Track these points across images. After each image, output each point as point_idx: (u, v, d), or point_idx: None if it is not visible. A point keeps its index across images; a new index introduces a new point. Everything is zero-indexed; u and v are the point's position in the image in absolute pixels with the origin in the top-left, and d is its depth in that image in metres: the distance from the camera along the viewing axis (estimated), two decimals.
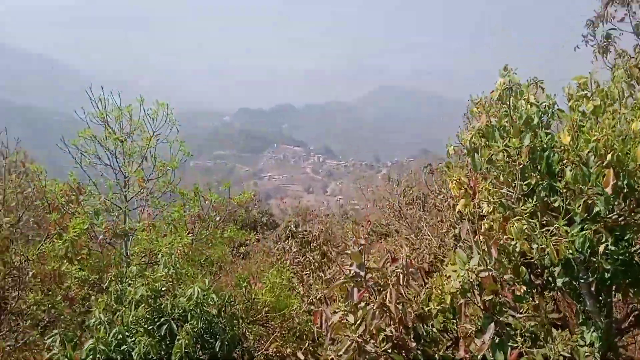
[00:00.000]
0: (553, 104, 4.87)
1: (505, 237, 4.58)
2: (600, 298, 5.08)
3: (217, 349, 5.69)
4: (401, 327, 4.03)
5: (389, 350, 3.89)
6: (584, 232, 4.16)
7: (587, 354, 4.37)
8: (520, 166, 4.38)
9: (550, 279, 5.31)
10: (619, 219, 4.42)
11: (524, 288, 4.71)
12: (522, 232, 4.09)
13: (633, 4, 8.34)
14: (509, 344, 4.14)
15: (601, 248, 4.28)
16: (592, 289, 4.94)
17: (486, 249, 4.15)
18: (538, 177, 4.60)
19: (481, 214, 4.94)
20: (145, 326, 5.58)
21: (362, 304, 3.94)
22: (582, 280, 4.83)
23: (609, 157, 3.82)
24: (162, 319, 5.67)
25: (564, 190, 4.17)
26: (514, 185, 4.57)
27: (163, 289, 5.92)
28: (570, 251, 4.13)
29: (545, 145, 4.50)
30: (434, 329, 4.73)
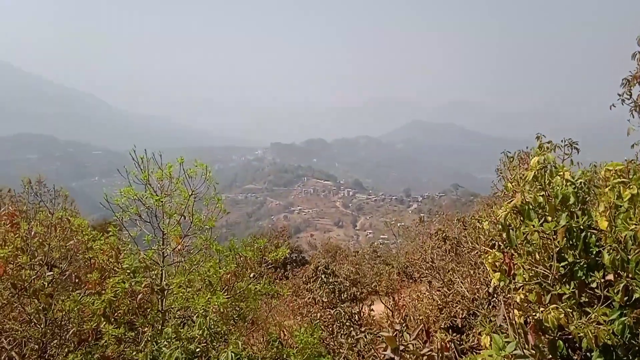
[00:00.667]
0: (589, 180, 4.87)
1: (541, 310, 4.56)
2: None
3: None
4: None
5: None
6: (624, 318, 4.09)
7: None
8: (557, 249, 4.36)
9: (588, 354, 5.20)
10: None
11: None
12: (559, 319, 4.05)
13: None
14: None
15: None
16: None
17: (522, 333, 4.11)
18: (576, 256, 4.57)
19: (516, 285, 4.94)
20: None
21: None
22: None
23: None
24: None
25: (602, 280, 4.13)
26: (549, 264, 4.54)
27: (197, 350, 6.02)
28: (609, 337, 4.06)
29: (582, 226, 4.48)
30: None
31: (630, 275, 4.08)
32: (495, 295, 9.17)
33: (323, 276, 12.16)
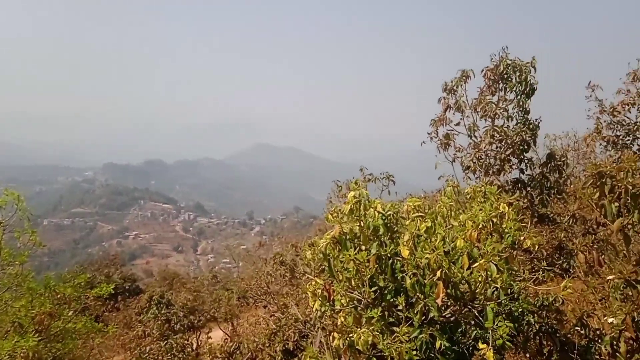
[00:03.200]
0: (397, 212, 5.48)
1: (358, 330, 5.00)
2: None
3: None
4: None
5: None
6: (422, 335, 4.68)
7: None
8: (368, 276, 4.83)
9: None
10: (451, 318, 5.05)
11: None
12: (368, 342, 4.47)
13: (466, 110, 9.73)
14: None
15: (437, 345, 4.84)
16: None
17: (337, 355, 4.45)
18: (385, 281, 5.11)
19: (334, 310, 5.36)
20: None
21: None
22: None
23: (438, 273, 4.41)
24: None
25: (404, 304, 4.67)
26: (363, 290, 5.01)
27: None
28: (409, 355, 4.59)
29: (389, 254, 5.03)
30: None
31: (426, 297, 4.69)
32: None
33: (155, 307, 11.64)
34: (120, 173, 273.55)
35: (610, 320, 4.71)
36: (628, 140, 12.87)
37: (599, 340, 5.12)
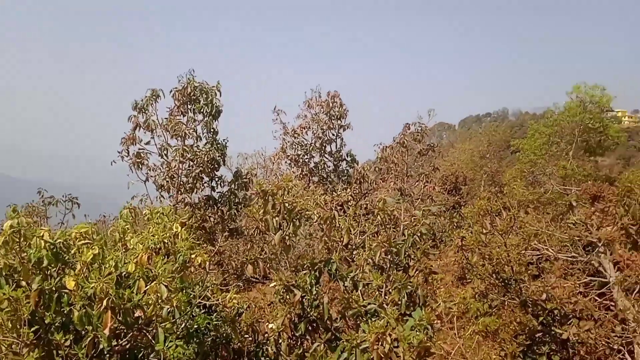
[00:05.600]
0: (66, 240, 5.07)
1: None
2: None
3: None
4: None
5: None
6: None
7: None
8: (27, 314, 4.33)
9: None
10: (127, 346, 4.92)
11: None
12: None
13: (157, 129, 9.74)
14: None
15: None
16: None
17: None
18: (52, 317, 4.65)
19: None
20: None
21: None
22: None
23: (104, 302, 4.23)
24: None
25: (72, 339, 4.34)
26: (22, 331, 4.45)
27: None
28: None
29: (55, 287, 4.61)
30: None
31: (96, 329, 4.44)
32: None
33: None
34: None
35: (270, 325, 5.29)
36: (306, 158, 15.01)
37: (267, 343, 5.69)
